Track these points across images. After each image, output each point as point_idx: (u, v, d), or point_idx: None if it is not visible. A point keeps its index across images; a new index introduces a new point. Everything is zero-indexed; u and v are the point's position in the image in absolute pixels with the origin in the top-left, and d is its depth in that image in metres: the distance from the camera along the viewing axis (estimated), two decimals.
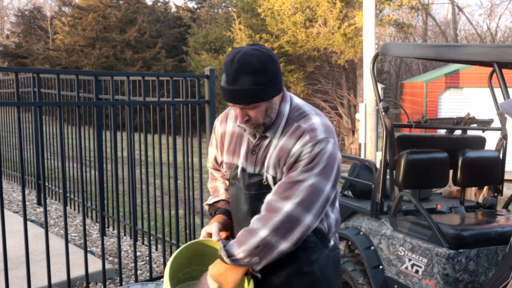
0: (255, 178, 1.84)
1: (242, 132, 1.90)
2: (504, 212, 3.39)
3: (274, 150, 1.80)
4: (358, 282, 3.26)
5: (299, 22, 14.47)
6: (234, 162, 1.91)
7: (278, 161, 1.78)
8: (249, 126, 1.78)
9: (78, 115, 4.42)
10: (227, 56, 1.71)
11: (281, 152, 1.78)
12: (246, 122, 1.76)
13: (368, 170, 3.77)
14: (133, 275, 4.03)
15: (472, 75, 11.01)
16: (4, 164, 7.87)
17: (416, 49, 3.21)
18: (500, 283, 2.25)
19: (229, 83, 1.67)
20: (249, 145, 1.87)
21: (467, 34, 29.45)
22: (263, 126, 1.79)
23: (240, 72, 1.64)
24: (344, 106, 17.00)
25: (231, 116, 1.97)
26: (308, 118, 1.80)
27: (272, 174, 1.80)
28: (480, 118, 3.65)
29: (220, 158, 2.01)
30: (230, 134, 1.94)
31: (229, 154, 1.94)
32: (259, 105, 1.72)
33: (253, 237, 1.70)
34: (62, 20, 23.31)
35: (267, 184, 1.81)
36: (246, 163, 1.87)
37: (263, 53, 1.69)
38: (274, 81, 1.70)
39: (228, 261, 1.72)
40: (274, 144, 1.80)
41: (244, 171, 1.87)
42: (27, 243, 3.11)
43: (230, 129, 1.95)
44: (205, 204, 2.12)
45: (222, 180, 2.11)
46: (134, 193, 3.84)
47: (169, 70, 21.92)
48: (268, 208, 1.73)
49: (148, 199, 4.22)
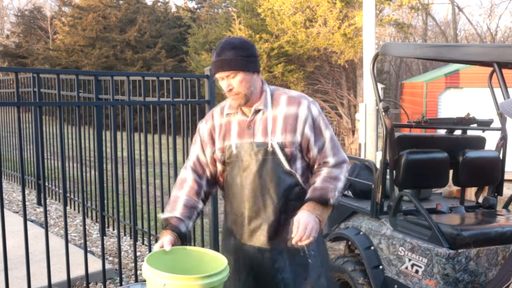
0: (261, 146, 2.16)
1: (229, 120, 2.23)
2: (504, 212, 3.39)
3: (276, 119, 2.16)
4: (358, 282, 3.26)
5: (299, 22, 14.46)
6: (226, 144, 2.22)
7: (286, 127, 2.15)
8: (233, 96, 2.13)
9: (78, 115, 4.42)
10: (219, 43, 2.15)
11: (287, 119, 2.16)
12: (229, 91, 2.12)
13: (368, 170, 3.77)
14: (133, 275, 4.03)
15: (472, 75, 11.00)
16: (4, 164, 7.86)
17: (416, 49, 3.21)
18: (501, 285, 2.26)
19: (217, 56, 2.11)
20: (241, 125, 2.19)
21: (467, 34, 29.44)
22: (245, 98, 2.13)
23: (224, 48, 2.11)
24: (344, 106, 16.99)
25: (216, 113, 2.29)
26: (289, 91, 2.27)
27: (278, 140, 2.14)
28: (480, 118, 3.64)
29: (210, 150, 2.26)
30: (219, 126, 2.25)
31: (220, 140, 2.23)
32: (239, 75, 2.10)
33: (339, 182, 2.19)
34: (62, 20, 23.30)
35: (272, 150, 2.15)
36: (241, 139, 2.18)
37: (244, 39, 2.20)
38: (251, 58, 2.12)
39: (333, 201, 2.15)
40: (270, 116, 2.17)
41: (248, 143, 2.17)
42: (27, 243, 3.11)
43: (218, 122, 2.26)
44: (160, 215, 2.26)
45: (188, 190, 2.23)
46: (134, 193, 3.84)
47: (169, 70, 21.90)
48: (335, 161, 2.21)
49: (148, 199, 4.22)
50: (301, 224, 2.04)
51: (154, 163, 4.32)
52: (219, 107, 2.30)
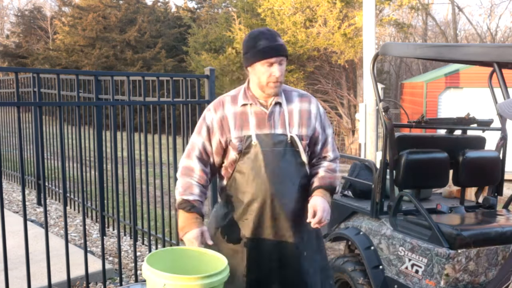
0: (281, 137, 2.26)
1: (244, 110, 2.26)
2: (504, 212, 3.39)
3: (292, 113, 2.29)
4: (358, 282, 3.26)
5: (299, 22, 14.47)
6: (244, 134, 2.24)
7: (302, 121, 2.30)
8: (276, 84, 2.20)
9: (78, 115, 4.42)
10: (252, 33, 2.23)
11: (302, 114, 2.31)
12: (275, 78, 2.18)
13: (368, 170, 3.77)
14: (133, 275, 4.03)
15: (472, 75, 11.00)
16: (4, 164, 7.86)
17: (416, 49, 3.21)
18: (501, 285, 2.26)
19: (273, 41, 2.18)
20: (260, 116, 2.25)
21: (467, 34, 29.44)
22: (281, 87, 2.25)
23: (274, 34, 2.22)
24: (344, 106, 16.99)
25: (227, 102, 2.30)
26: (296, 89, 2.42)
27: (295, 133, 2.27)
28: (480, 118, 3.64)
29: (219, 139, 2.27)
30: (233, 115, 2.26)
31: (237, 130, 2.25)
32: (285, 63, 2.22)
33: (337, 173, 2.40)
34: (62, 20, 23.30)
35: (290, 142, 2.26)
36: (260, 130, 2.24)
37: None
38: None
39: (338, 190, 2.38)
40: (286, 110, 2.28)
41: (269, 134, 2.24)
42: (27, 243, 3.11)
43: (230, 111, 2.27)
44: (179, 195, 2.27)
45: (197, 178, 2.26)
46: (134, 193, 3.84)
47: (169, 70, 21.91)
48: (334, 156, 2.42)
49: (148, 199, 4.22)
50: (319, 208, 2.20)
51: (154, 163, 4.32)
52: (229, 96, 2.33)
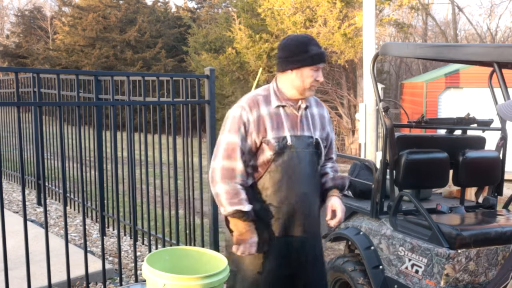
0: (310, 139, 2.40)
1: (277, 111, 2.35)
2: (504, 212, 3.39)
3: (314, 117, 2.44)
4: (358, 282, 3.26)
5: (299, 22, 14.46)
6: (281, 135, 2.32)
7: (321, 125, 2.48)
8: (314, 88, 2.35)
9: (78, 115, 4.41)
10: (298, 39, 2.37)
11: (321, 118, 2.49)
12: (316, 83, 2.32)
13: (368, 170, 3.77)
14: (133, 275, 4.03)
15: (472, 75, 11.00)
16: (4, 164, 7.86)
17: (416, 49, 3.21)
18: (500, 284, 2.26)
19: (320, 48, 2.33)
20: (293, 118, 2.36)
21: (467, 34, 29.44)
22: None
23: (316, 43, 2.35)
24: (344, 106, 16.99)
25: (262, 102, 2.35)
26: None
27: (318, 136, 2.43)
28: (480, 118, 3.64)
29: (253, 138, 2.32)
30: (269, 116, 2.33)
31: (274, 130, 2.32)
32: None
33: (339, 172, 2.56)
34: (62, 20, 23.31)
35: (316, 144, 2.42)
36: (294, 132, 2.35)
37: None
38: None
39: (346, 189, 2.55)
40: (311, 113, 2.43)
41: (301, 136, 2.37)
42: (27, 243, 3.11)
43: (266, 111, 2.34)
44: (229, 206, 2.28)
45: (240, 180, 2.30)
46: (134, 193, 3.84)
47: (169, 70, 21.91)
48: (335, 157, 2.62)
49: (148, 199, 4.21)
50: (339, 209, 2.39)
51: (154, 163, 4.32)
52: (260, 96, 2.39)
